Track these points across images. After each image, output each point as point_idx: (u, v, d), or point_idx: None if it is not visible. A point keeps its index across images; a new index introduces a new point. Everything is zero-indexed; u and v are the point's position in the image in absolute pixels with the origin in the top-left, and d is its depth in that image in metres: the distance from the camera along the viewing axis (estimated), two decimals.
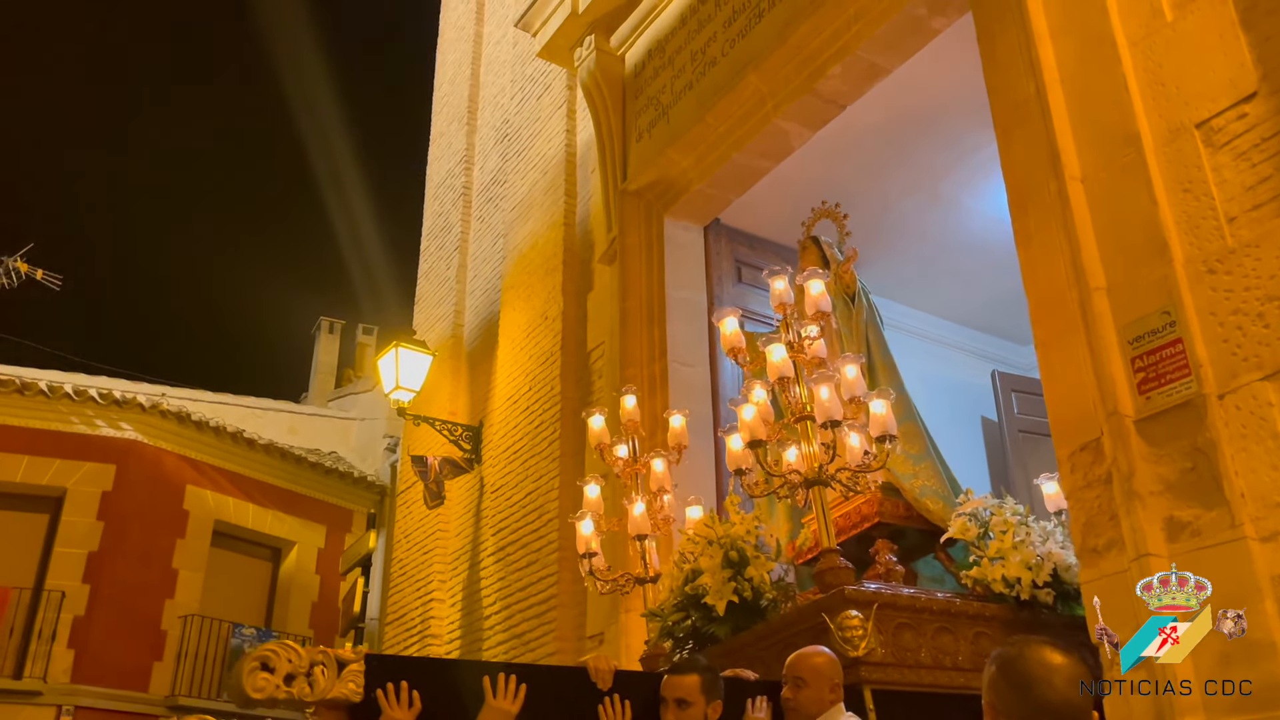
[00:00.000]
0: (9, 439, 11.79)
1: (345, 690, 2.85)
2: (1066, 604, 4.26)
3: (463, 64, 10.46)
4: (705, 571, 4.41)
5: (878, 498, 4.93)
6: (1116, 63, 3.89)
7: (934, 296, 7.73)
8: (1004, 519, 4.35)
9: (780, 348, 4.44)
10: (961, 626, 4.07)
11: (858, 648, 3.67)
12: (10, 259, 16.97)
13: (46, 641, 10.80)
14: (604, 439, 5.16)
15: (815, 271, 4.67)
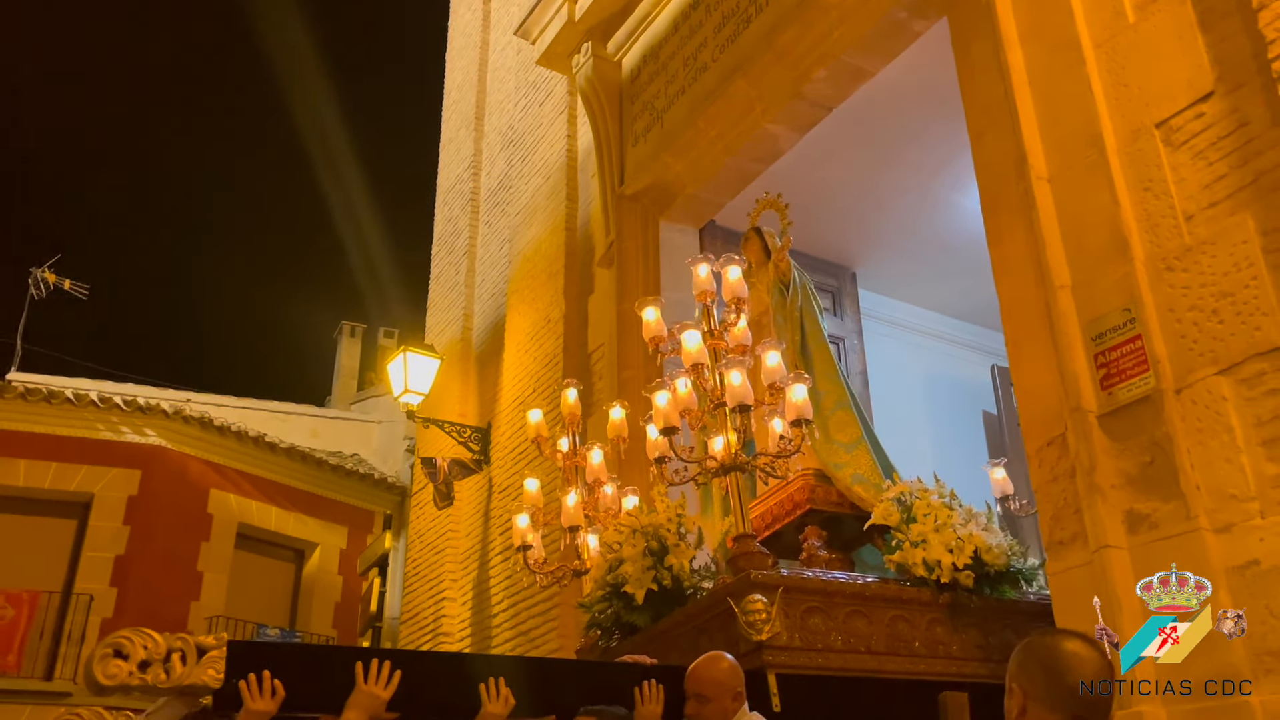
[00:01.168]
0: (37, 446, 12.07)
1: (204, 677, 2.81)
2: (992, 586, 4.23)
3: (470, 71, 10.62)
4: (627, 560, 4.44)
5: (810, 484, 4.92)
6: (1081, 64, 3.97)
7: (933, 293, 7.80)
8: (927, 503, 4.33)
9: (695, 334, 4.38)
10: (876, 610, 4.05)
11: (761, 632, 3.66)
12: (38, 269, 17.37)
13: (76, 643, 11.06)
14: (542, 431, 5.24)
15: (731, 258, 4.61)
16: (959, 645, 4.10)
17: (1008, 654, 3.93)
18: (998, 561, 4.16)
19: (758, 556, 4.01)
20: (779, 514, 5.00)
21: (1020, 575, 4.28)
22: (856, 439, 5.00)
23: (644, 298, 4.71)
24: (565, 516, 4.91)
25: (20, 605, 10.88)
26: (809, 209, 7.05)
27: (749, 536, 4.10)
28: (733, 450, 4.13)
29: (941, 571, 4.13)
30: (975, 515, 4.32)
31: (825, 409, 5.05)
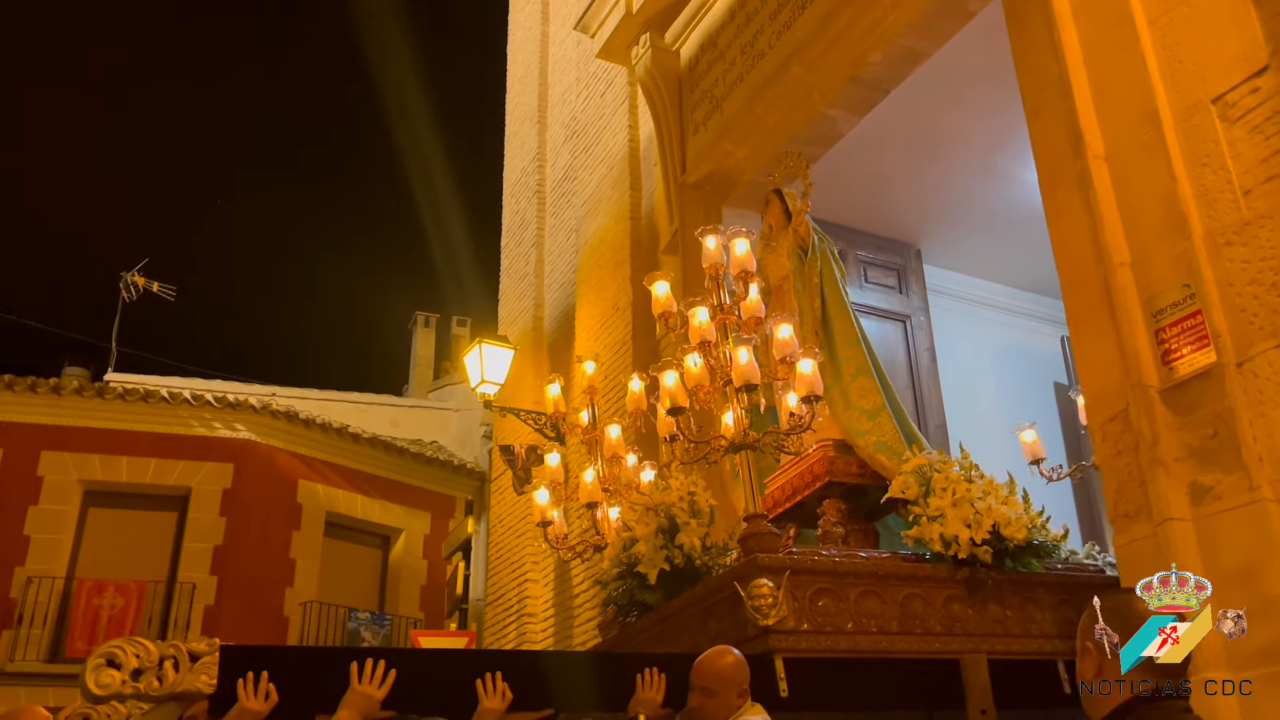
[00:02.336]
0: (137, 444, 12.68)
1: (197, 683, 2.85)
2: (1014, 560, 4.13)
3: (531, 64, 10.81)
4: (640, 539, 4.38)
5: (829, 456, 4.79)
6: (1135, 41, 3.99)
7: (1000, 267, 7.80)
8: (946, 476, 4.21)
9: (703, 310, 4.26)
10: (890, 589, 3.95)
11: (768, 616, 3.58)
12: (128, 274, 18.12)
13: (181, 630, 11.64)
14: (560, 406, 5.27)
15: (739, 230, 4.50)
16: (978, 622, 4.03)
17: (1029, 629, 4.00)
18: (1018, 535, 4.05)
19: (767, 537, 3.90)
20: (799, 486, 4.87)
21: (1043, 548, 4.20)
22: (879, 406, 4.84)
23: (653, 273, 4.67)
24: (583, 492, 4.86)
25: (129, 595, 11.49)
26: (870, 188, 7.15)
27: (759, 516, 3.98)
28: (742, 428, 4.04)
29: (959, 547, 4.02)
30: (996, 487, 4.22)
31: (846, 375, 4.93)
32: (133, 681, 2.79)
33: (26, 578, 11.37)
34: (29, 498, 11.93)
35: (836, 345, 4.94)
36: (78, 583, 11.54)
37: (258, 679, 2.87)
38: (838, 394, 4.87)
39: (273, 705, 2.87)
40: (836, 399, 4.87)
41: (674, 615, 4.20)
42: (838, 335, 5.03)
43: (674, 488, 4.46)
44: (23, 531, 11.71)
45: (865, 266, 7.31)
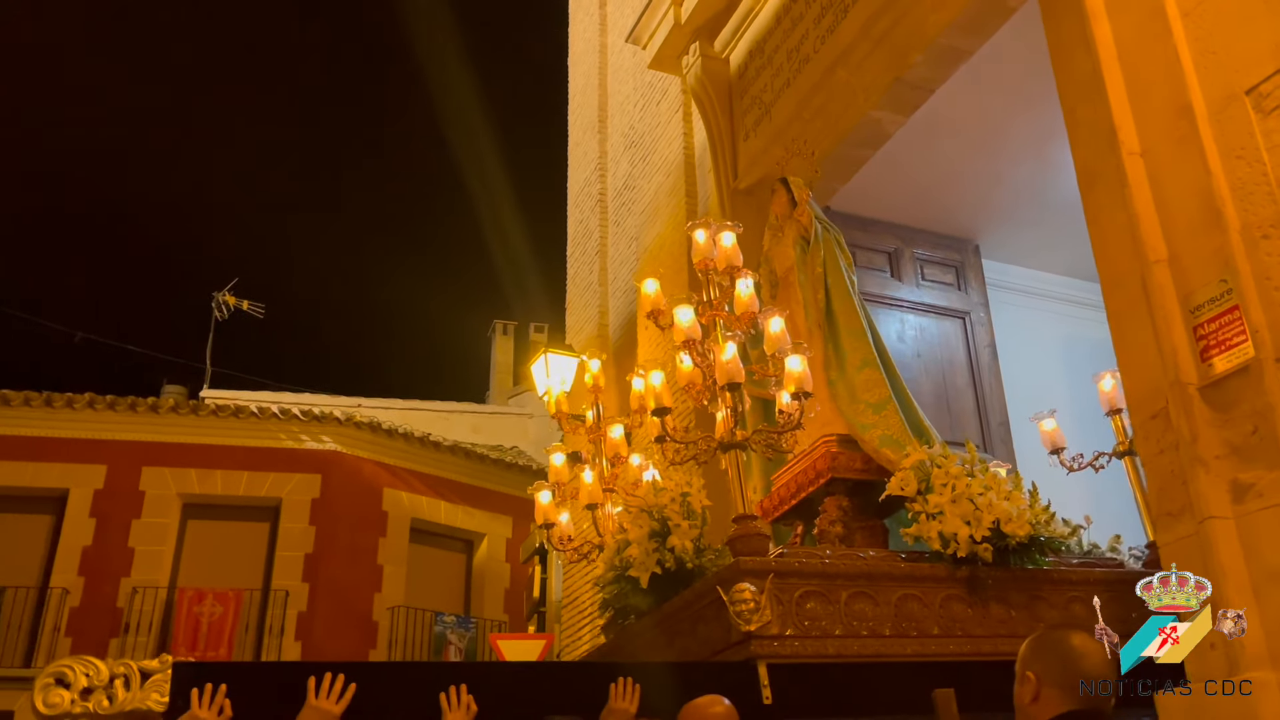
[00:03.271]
0: (231, 458, 13.26)
1: (148, 701, 2.82)
2: (1019, 558, 4.02)
3: (591, 75, 10.99)
4: (633, 542, 4.29)
5: (831, 452, 4.67)
6: (1168, 34, 3.95)
7: (1062, 258, 7.68)
8: (946, 471, 4.09)
9: (687, 310, 4.19)
10: (883, 590, 3.83)
11: (750, 622, 3.48)
12: (220, 293, 18.88)
13: (277, 635, 12.14)
14: (563, 406, 5.18)
15: (725, 224, 4.42)
16: (980, 622, 3.90)
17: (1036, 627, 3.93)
18: (1019, 532, 3.94)
19: (755, 539, 3.80)
20: (803, 483, 4.76)
21: (1050, 544, 4.08)
22: (885, 399, 4.71)
23: (643, 272, 4.54)
24: (583, 493, 4.78)
25: (227, 603, 12.02)
26: (925, 185, 7.13)
27: (748, 518, 3.88)
28: (729, 427, 3.97)
29: (958, 545, 3.91)
30: (999, 483, 4.10)
31: (851, 368, 4.81)
32: (82, 701, 2.77)
33: (132, 588, 11.99)
34: (132, 511, 12.57)
35: (841, 337, 4.82)
36: (179, 592, 12.12)
37: (215, 690, 2.83)
38: (843, 387, 4.76)
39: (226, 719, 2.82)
40: (842, 392, 4.74)
41: (667, 619, 4.12)
42: (842, 327, 4.91)
43: (668, 488, 4.37)
44: (127, 544, 12.35)
45: (922, 264, 7.29)
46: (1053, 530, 4.11)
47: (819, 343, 4.82)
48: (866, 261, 7.13)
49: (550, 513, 4.95)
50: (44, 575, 11.99)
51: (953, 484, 4.04)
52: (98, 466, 12.62)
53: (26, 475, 12.38)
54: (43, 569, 12.06)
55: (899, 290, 7.12)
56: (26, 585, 11.79)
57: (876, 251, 7.18)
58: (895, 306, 7.08)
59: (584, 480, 4.81)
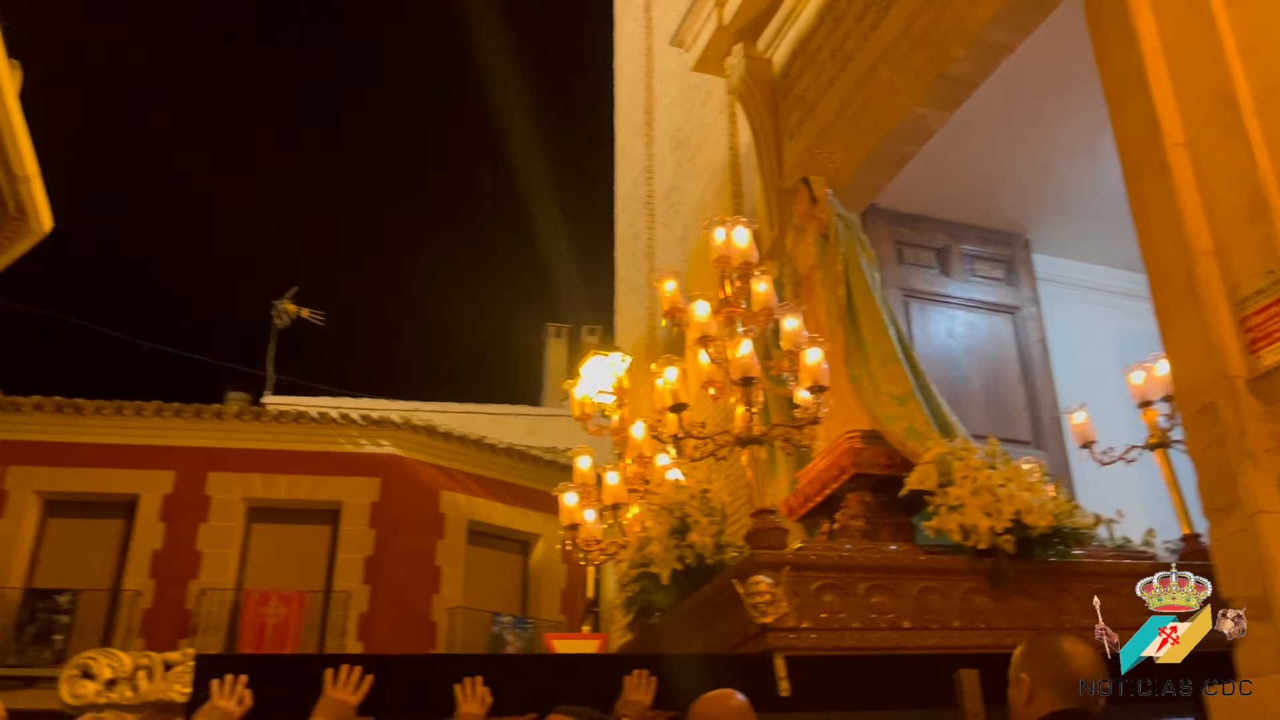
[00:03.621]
0: (292, 462, 13.58)
1: (170, 692, 2.88)
2: (1042, 550, 3.99)
3: (637, 78, 11.07)
4: (654, 540, 4.31)
5: (855, 447, 4.66)
6: (1212, 25, 3.91)
7: (1114, 250, 7.55)
8: (966, 464, 4.07)
9: (704, 305, 4.22)
10: (903, 583, 3.82)
11: (765, 614, 3.50)
12: (280, 301, 19.31)
13: (339, 636, 12.41)
14: (587, 407, 5.20)
15: (739, 221, 4.42)
16: (1002, 614, 3.89)
17: (1061, 620, 3.83)
18: (1041, 523, 3.91)
19: (773, 533, 3.81)
20: (827, 480, 4.76)
21: (1074, 535, 4.04)
22: (909, 392, 4.72)
23: (662, 272, 4.56)
24: (607, 493, 4.81)
25: (291, 604, 12.32)
26: (973, 180, 7.08)
27: (766, 512, 3.89)
28: (747, 423, 3.98)
29: (979, 537, 3.89)
30: (1020, 474, 4.07)
31: (875, 362, 4.81)
32: (106, 691, 2.85)
33: (200, 590, 12.34)
34: (199, 515, 12.94)
35: (864, 332, 4.81)
36: (245, 593, 12.45)
37: (235, 682, 2.89)
38: (866, 381, 4.75)
39: (245, 710, 2.88)
40: (865, 385, 4.74)
41: (688, 615, 4.15)
42: (864, 322, 4.90)
43: (688, 486, 4.40)
44: (195, 547, 12.72)
45: (972, 260, 7.24)
46: (1076, 521, 4.07)
47: (841, 339, 4.80)
48: (915, 259, 7.10)
49: (575, 514, 4.96)
50: (117, 578, 12.40)
51: (973, 476, 4.02)
52: (166, 472, 13.00)
53: (99, 481, 12.81)
54: (115, 572, 12.46)
55: (948, 287, 7.08)
56: (101, 588, 12.19)
57: (925, 248, 7.15)
58: (945, 303, 7.03)
59: (607, 481, 4.85)
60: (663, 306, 4.47)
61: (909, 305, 6.87)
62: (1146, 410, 4.90)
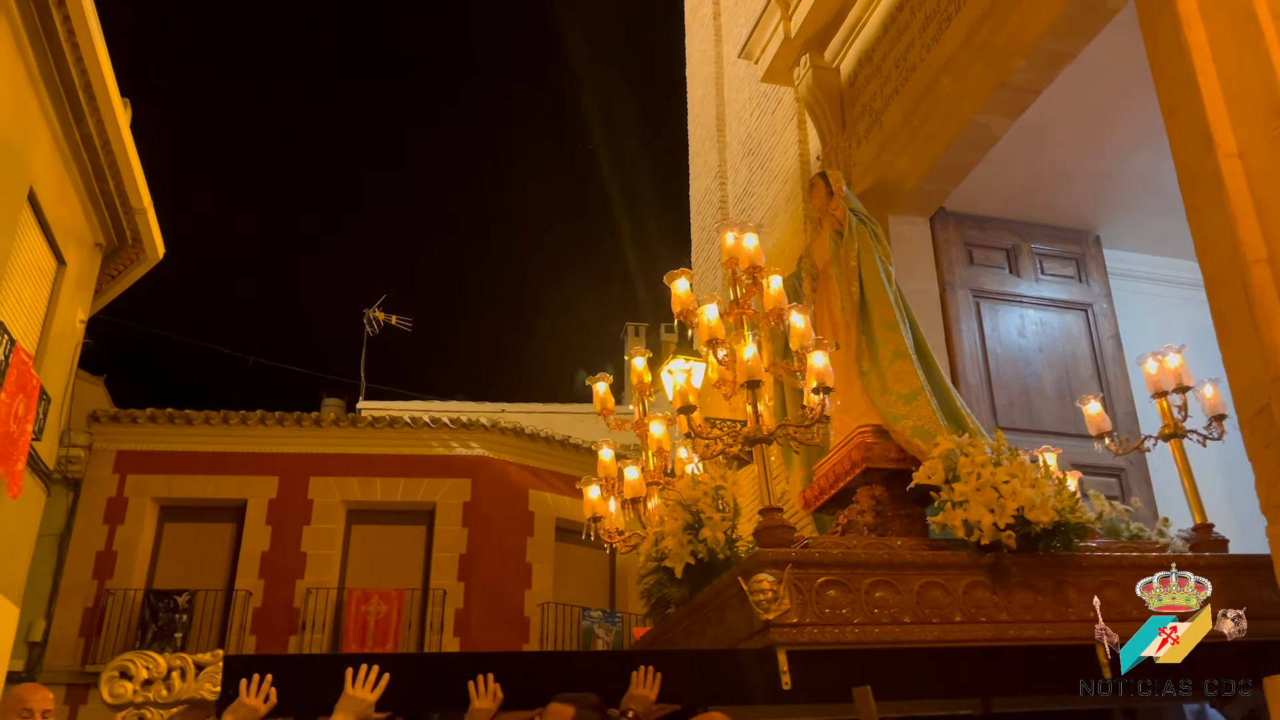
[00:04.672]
0: (388, 466, 14.17)
1: (203, 691, 3.04)
2: (1046, 544, 4.04)
3: (708, 85, 11.32)
4: (668, 534, 4.41)
5: (866, 442, 4.72)
6: (1260, 38, 4.04)
7: (1186, 243, 7.55)
8: (972, 460, 4.14)
9: (713, 308, 4.29)
10: (905, 578, 3.89)
11: (768, 610, 3.60)
12: (370, 310, 20.03)
13: (437, 632, 12.95)
14: (607, 403, 5.23)
15: (747, 225, 4.51)
16: (1004, 608, 3.95)
17: (1065, 613, 4.00)
18: (1043, 518, 3.97)
19: (779, 530, 3.90)
20: (840, 473, 4.83)
21: (1078, 529, 4.10)
22: (917, 390, 4.75)
23: (673, 271, 4.57)
24: (628, 488, 4.90)
25: (391, 602, 12.89)
26: (1041, 179, 7.20)
27: (773, 509, 3.99)
28: (758, 422, 4.08)
29: (982, 532, 3.95)
30: (1025, 470, 4.13)
31: (884, 360, 4.85)
32: (143, 691, 3.01)
33: (306, 589, 12.99)
34: (303, 519, 13.60)
35: (874, 329, 4.86)
36: (348, 592, 13.06)
37: (262, 681, 3.05)
38: (875, 379, 4.80)
39: (271, 707, 3.04)
40: (874, 384, 4.79)
41: (698, 609, 4.26)
42: (875, 319, 4.94)
43: (704, 482, 4.50)
44: (300, 549, 13.37)
45: (1041, 259, 7.35)
46: (1079, 516, 4.12)
47: (854, 335, 4.87)
48: (984, 259, 7.24)
49: (599, 506, 5.07)
50: (229, 579, 13.11)
51: (977, 472, 4.09)
52: (270, 478, 13.70)
53: (210, 488, 13.56)
54: (228, 573, 13.18)
55: (1018, 286, 7.20)
56: (215, 589, 12.93)
57: (994, 249, 7.28)
58: (1015, 302, 7.16)
59: (627, 475, 4.96)
60: (674, 307, 4.54)
61: (979, 305, 7.01)
62: (1160, 400, 4.92)
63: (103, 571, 12.79)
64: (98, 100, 8.15)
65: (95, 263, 9.94)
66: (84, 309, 9.97)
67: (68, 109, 8.13)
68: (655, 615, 4.76)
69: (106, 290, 10.51)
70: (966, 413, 4.86)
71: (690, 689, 3.37)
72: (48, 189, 8.22)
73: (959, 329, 6.79)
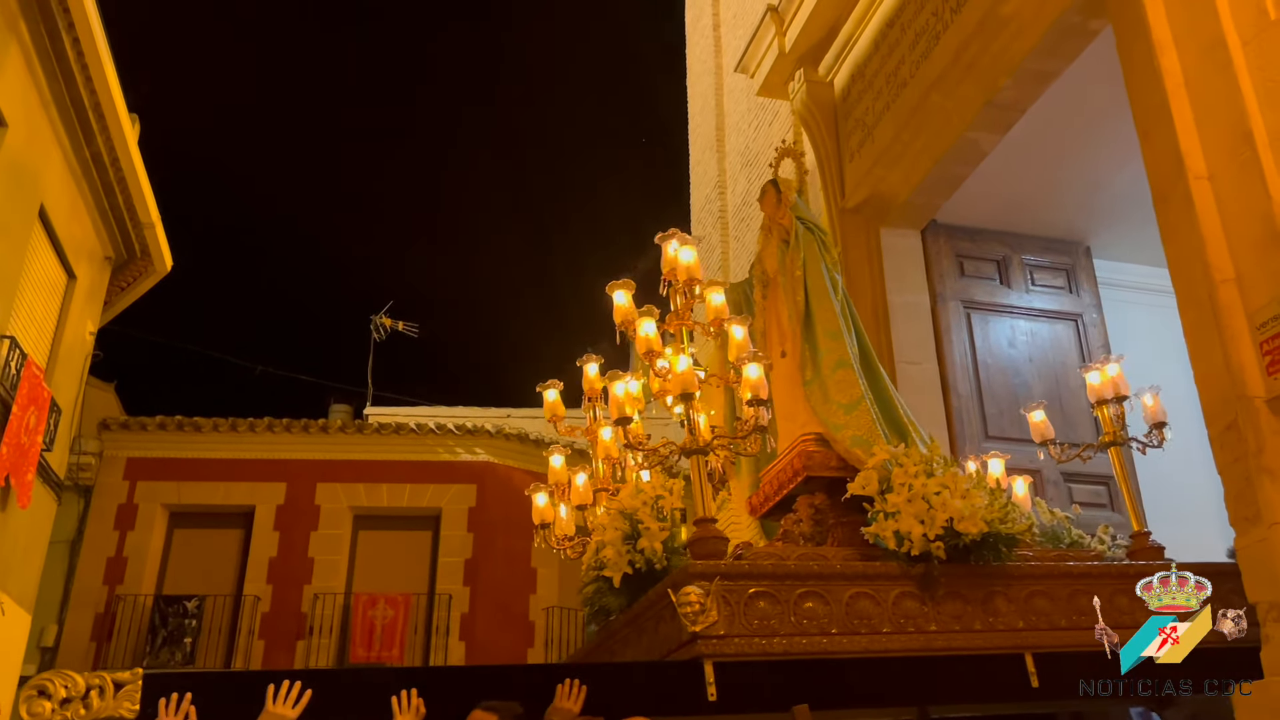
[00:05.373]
0: (394, 471, 14.32)
1: (121, 710, 3.01)
2: (977, 555, 4.06)
3: (708, 96, 11.47)
4: (608, 543, 4.38)
5: (807, 450, 4.73)
6: (1229, 64, 4.17)
7: None
8: (905, 471, 4.16)
9: (650, 323, 4.29)
10: (835, 589, 3.89)
11: (696, 623, 3.60)
12: (377, 316, 20.19)
13: (443, 635, 13.09)
14: (557, 410, 5.21)
15: (685, 238, 4.47)
16: (933, 618, 3.98)
17: (993, 622, 4.03)
18: (972, 529, 3.99)
19: (711, 542, 3.90)
20: (783, 481, 4.86)
21: (1008, 540, 4.11)
22: (857, 399, 4.73)
23: (614, 281, 4.57)
24: (574, 494, 4.89)
25: (398, 607, 13.04)
26: (1030, 194, 7.34)
27: (707, 521, 4.00)
28: (695, 434, 4.09)
29: (912, 543, 3.96)
30: (957, 481, 4.15)
31: (826, 369, 4.84)
32: (61, 710, 2.99)
33: (313, 594, 13.15)
34: (310, 524, 13.75)
35: (818, 338, 4.88)
36: (355, 597, 13.21)
37: (181, 700, 3.03)
38: (817, 388, 4.82)
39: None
40: (816, 393, 4.81)
41: (636, 618, 4.28)
42: (819, 328, 4.94)
43: (645, 491, 4.47)
44: (308, 554, 13.53)
45: (1031, 270, 7.48)
46: (1011, 527, 4.14)
47: (799, 343, 4.90)
48: (975, 271, 7.38)
49: (546, 513, 5.03)
50: (238, 584, 13.28)
51: (910, 483, 4.11)
52: (278, 484, 13.85)
53: (218, 494, 13.72)
54: (236, 579, 13.35)
55: (1008, 297, 7.34)
56: (224, 594, 13.10)
57: (985, 260, 7.42)
58: (1006, 313, 7.29)
59: (575, 482, 4.94)
60: (615, 318, 4.51)
61: (970, 316, 7.15)
62: (1101, 409, 4.94)
63: (113, 577, 12.95)
64: (107, 119, 8.34)
65: (105, 276, 10.12)
66: (94, 321, 10.16)
67: (78, 129, 8.31)
68: (597, 623, 4.77)
69: (116, 302, 10.69)
70: (911, 421, 4.89)
71: (616, 701, 3.40)
72: (59, 206, 8.41)
73: (950, 340, 6.93)
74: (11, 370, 7.48)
